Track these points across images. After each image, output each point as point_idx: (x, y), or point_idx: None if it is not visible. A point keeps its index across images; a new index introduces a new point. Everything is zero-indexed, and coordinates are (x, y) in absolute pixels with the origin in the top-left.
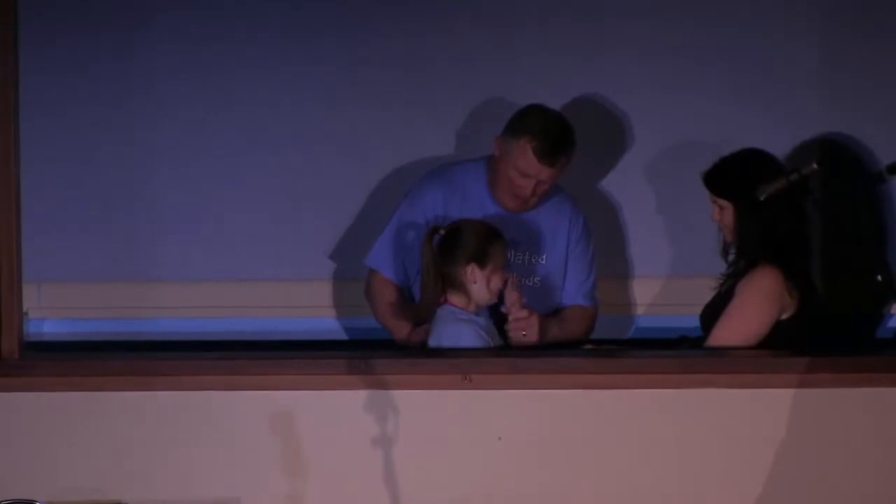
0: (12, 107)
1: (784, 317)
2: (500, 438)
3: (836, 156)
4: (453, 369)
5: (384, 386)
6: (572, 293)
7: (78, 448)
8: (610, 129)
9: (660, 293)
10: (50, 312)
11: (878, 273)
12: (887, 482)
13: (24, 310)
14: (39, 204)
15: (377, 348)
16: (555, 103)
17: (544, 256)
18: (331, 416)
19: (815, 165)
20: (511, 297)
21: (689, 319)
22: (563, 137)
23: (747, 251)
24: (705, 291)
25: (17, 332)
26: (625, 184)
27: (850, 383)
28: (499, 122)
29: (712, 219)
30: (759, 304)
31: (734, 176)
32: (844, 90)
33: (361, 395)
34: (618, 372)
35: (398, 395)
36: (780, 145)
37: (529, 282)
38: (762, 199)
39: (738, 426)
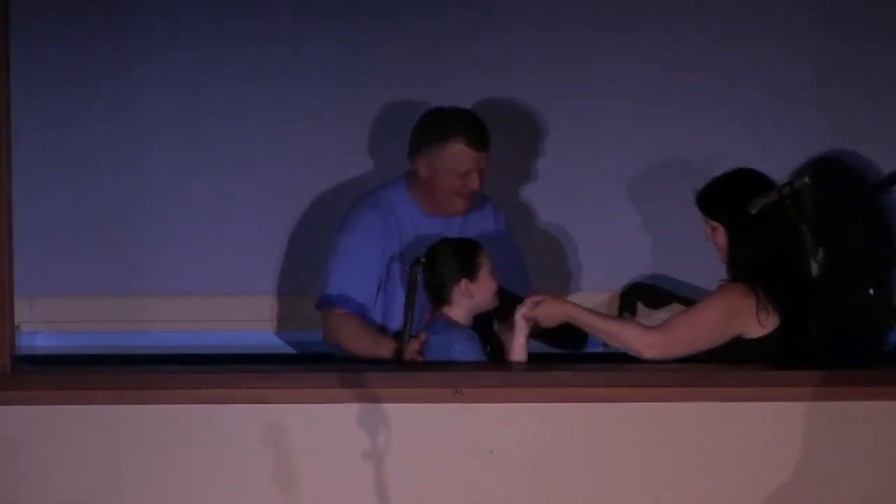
0: (4, 120)
1: (755, 335)
2: (491, 452)
3: (830, 170)
4: (445, 383)
5: (376, 399)
6: (521, 287)
7: (70, 462)
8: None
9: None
10: (42, 326)
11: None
12: (885, 496)
13: (16, 324)
14: (31, 217)
15: (370, 362)
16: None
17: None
18: (322, 430)
19: (806, 179)
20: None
21: None
22: (483, 123)
23: (738, 272)
24: None
25: (8, 346)
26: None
27: (851, 397)
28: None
29: (706, 238)
30: (718, 314)
31: (725, 197)
32: (841, 103)
33: (353, 408)
34: (611, 385)
35: (390, 408)
36: (777, 160)
37: None
38: (753, 212)
39: (732, 440)
